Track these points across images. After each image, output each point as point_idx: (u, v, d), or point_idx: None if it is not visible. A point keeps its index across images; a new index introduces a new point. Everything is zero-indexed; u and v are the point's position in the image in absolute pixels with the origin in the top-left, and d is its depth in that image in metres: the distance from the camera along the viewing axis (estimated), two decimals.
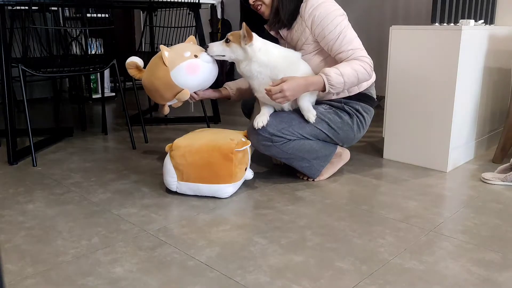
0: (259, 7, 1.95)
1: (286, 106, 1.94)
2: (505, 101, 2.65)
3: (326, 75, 1.80)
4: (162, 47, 1.91)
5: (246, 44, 1.80)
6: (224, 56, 1.87)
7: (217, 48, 1.87)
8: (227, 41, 1.85)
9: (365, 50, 1.89)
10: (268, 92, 1.79)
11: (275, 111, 1.96)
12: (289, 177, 2.12)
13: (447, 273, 1.32)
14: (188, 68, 1.90)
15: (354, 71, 1.83)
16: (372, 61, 1.89)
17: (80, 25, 3.54)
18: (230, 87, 2.18)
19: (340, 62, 1.87)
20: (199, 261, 1.38)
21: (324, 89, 1.83)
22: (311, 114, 1.88)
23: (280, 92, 1.77)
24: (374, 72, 2.12)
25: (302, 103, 1.88)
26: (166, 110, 2.06)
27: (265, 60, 1.82)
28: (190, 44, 2.01)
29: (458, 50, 2.07)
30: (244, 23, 1.77)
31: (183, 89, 1.93)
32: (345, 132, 2.00)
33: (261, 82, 1.85)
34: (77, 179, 2.10)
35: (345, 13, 1.92)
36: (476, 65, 2.27)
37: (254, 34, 1.81)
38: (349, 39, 1.87)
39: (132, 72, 2.06)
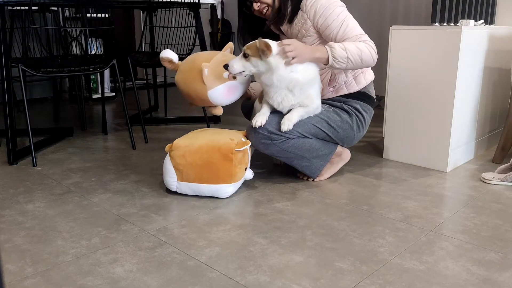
0: (264, 11, 1.98)
1: (286, 108, 1.91)
2: (505, 101, 2.65)
3: (330, 47, 1.82)
4: (203, 64, 1.88)
5: (266, 57, 1.76)
6: (244, 71, 1.81)
7: (237, 65, 1.80)
8: (246, 56, 1.79)
9: (368, 36, 1.92)
10: (281, 45, 1.77)
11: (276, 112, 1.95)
12: (289, 177, 2.12)
13: (447, 273, 1.32)
14: (226, 91, 1.92)
15: (359, 49, 1.84)
16: (375, 47, 1.91)
17: (80, 25, 3.54)
18: (252, 87, 2.19)
19: None
20: (199, 261, 1.38)
21: (327, 62, 1.83)
22: (289, 122, 1.85)
23: (290, 44, 1.76)
24: (372, 71, 2.13)
25: (295, 111, 1.87)
26: (193, 108, 2.10)
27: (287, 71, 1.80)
28: (229, 56, 1.98)
29: (458, 50, 2.07)
30: (260, 38, 1.75)
31: (217, 106, 1.98)
32: (344, 131, 2.00)
33: (278, 91, 1.84)
34: (77, 179, 2.10)
35: (344, 5, 1.97)
36: (476, 65, 2.27)
37: (271, 43, 1.77)
38: (352, 26, 1.91)
39: (165, 64, 2.04)
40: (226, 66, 1.82)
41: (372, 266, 1.35)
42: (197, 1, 3.12)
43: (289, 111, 1.90)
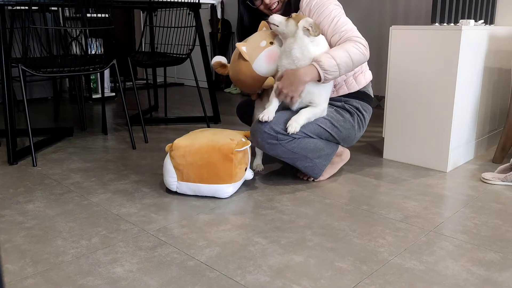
0: (274, 6, 2.01)
1: (295, 106, 1.93)
2: (505, 101, 2.65)
3: (317, 62, 1.82)
4: (238, 44, 1.97)
5: (311, 34, 1.80)
6: (277, 26, 1.87)
7: (278, 18, 1.88)
8: (289, 16, 1.86)
9: (359, 33, 1.92)
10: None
11: (283, 109, 1.95)
12: (289, 177, 2.12)
13: (447, 273, 1.32)
14: (267, 57, 1.94)
15: (346, 51, 1.84)
16: (366, 42, 1.91)
17: (80, 25, 3.54)
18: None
19: (334, 46, 1.90)
20: (199, 261, 1.38)
21: (319, 77, 1.83)
22: (296, 124, 1.87)
23: (280, 92, 1.85)
24: (370, 72, 2.13)
25: (303, 112, 1.89)
26: (256, 97, 2.15)
27: (309, 50, 1.83)
28: (263, 31, 2.03)
29: (458, 50, 2.07)
30: (317, 24, 1.81)
31: (267, 77, 1.99)
32: (347, 130, 2.01)
33: (287, 66, 1.87)
34: (77, 179, 2.10)
35: (340, 5, 1.98)
36: (476, 65, 2.27)
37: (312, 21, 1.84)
38: (342, 22, 1.91)
39: (218, 70, 2.12)
40: (270, 14, 1.93)
41: (372, 266, 1.35)
42: (197, 1, 3.12)
43: (296, 111, 1.90)
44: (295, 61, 1.84)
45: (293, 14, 1.86)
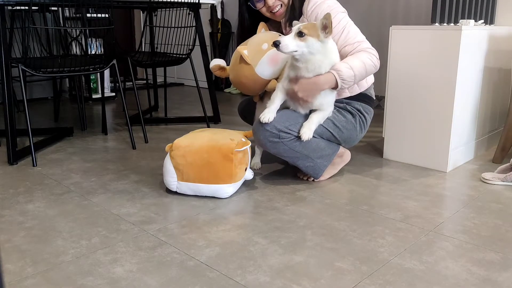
0: (277, 8, 1.99)
1: (305, 110, 1.93)
2: (505, 101, 2.65)
3: (337, 71, 1.81)
4: (239, 48, 1.95)
5: (326, 36, 1.74)
6: (296, 51, 1.72)
7: (291, 44, 1.69)
8: (301, 35, 1.70)
9: (369, 42, 1.92)
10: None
11: (285, 108, 1.95)
12: (289, 177, 2.12)
13: (447, 273, 1.32)
14: (270, 60, 1.94)
15: (362, 63, 1.85)
16: (377, 53, 1.91)
17: (80, 25, 3.54)
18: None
19: (346, 56, 1.89)
20: (199, 261, 1.38)
21: (336, 85, 1.83)
22: (309, 132, 1.87)
23: (294, 94, 1.83)
24: (372, 74, 2.13)
25: (314, 117, 1.89)
26: (257, 98, 2.15)
27: (333, 56, 1.81)
28: (263, 32, 2.02)
29: (458, 50, 2.07)
30: (329, 13, 1.70)
31: (271, 80, 1.98)
32: (349, 131, 2.01)
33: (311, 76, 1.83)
34: (77, 179, 2.10)
35: (346, 11, 1.97)
36: (476, 65, 2.27)
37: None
38: (353, 33, 1.91)
39: (217, 73, 2.11)
40: (277, 43, 1.69)
41: (372, 266, 1.35)
42: (197, 1, 3.12)
43: (306, 115, 1.91)
44: (323, 72, 1.81)
45: (304, 30, 1.70)
